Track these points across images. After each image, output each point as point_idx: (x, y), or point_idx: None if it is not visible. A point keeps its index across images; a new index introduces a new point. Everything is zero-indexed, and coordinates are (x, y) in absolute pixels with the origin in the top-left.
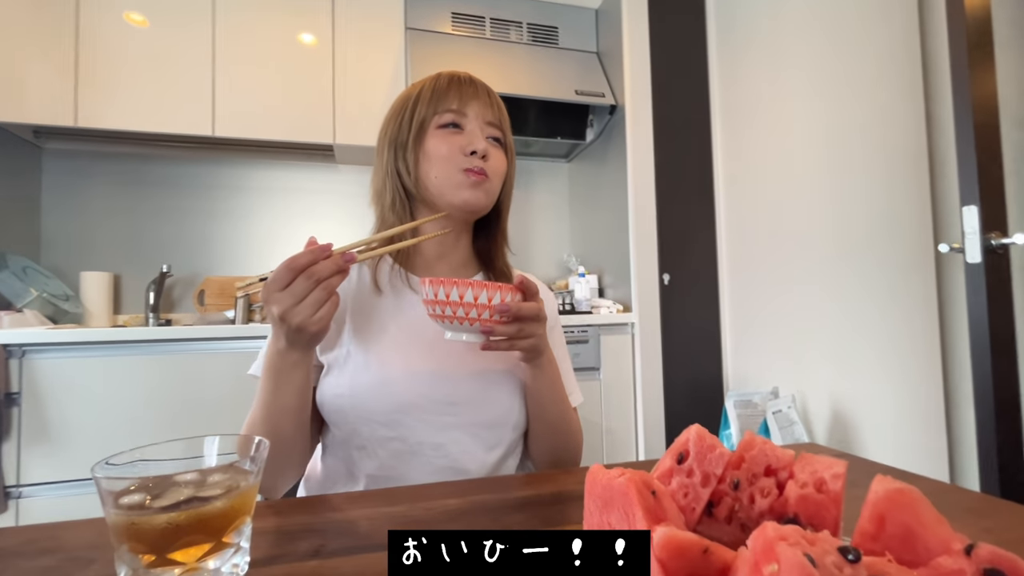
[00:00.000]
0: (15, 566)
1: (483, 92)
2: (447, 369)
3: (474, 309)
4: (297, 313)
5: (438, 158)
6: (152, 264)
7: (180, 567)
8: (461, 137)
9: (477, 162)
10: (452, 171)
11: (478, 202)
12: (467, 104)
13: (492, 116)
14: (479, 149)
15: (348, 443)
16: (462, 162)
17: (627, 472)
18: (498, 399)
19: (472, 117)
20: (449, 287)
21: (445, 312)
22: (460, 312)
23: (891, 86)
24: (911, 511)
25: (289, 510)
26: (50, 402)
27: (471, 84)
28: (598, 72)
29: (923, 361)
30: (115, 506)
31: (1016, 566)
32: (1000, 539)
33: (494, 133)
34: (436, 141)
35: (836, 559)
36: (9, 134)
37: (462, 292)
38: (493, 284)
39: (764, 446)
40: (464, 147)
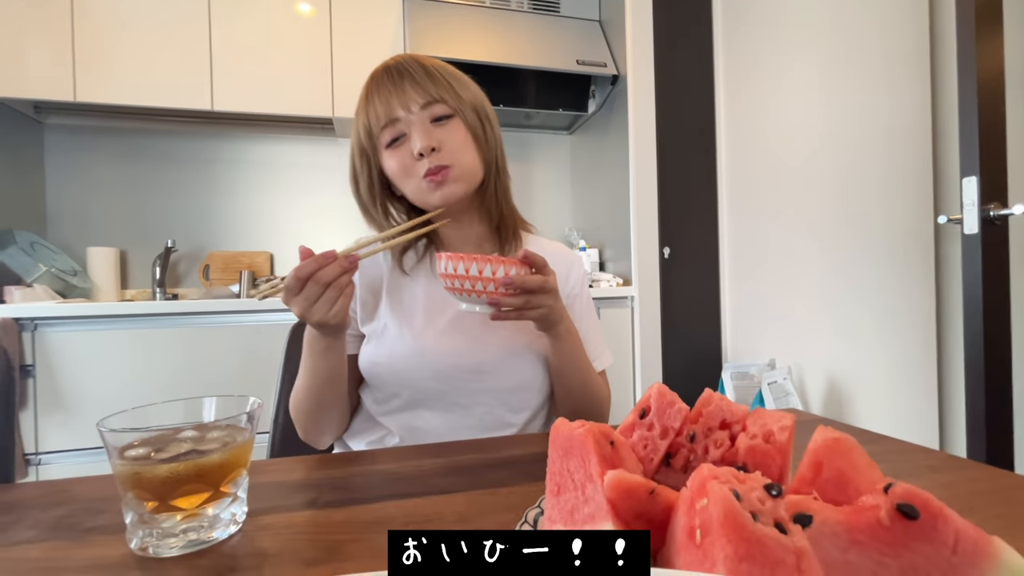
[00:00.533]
0: (32, 516)
1: (404, 77)
2: (475, 339)
3: (480, 282)
4: (314, 313)
5: (398, 176)
6: (157, 239)
7: (181, 513)
8: (407, 145)
9: (428, 162)
10: (415, 181)
11: (452, 197)
12: (394, 107)
13: (424, 96)
14: (422, 147)
15: (386, 403)
16: (417, 169)
17: (587, 424)
18: (522, 367)
19: (406, 117)
20: (458, 261)
21: (456, 285)
22: (468, 285)
23: (897, 56)
24: (846, 458)
25: (288, 468)
26: (63, 374)
27: (389, 77)
28: (600, 41)
29: (919, 333)
30: (120, 458)
31: (927, 502)
32: (958, 492)
33: (435, 112)
34: (390, 161)
35: (760, 494)
36: (11, 110)
37: (468, 266)
38: (498, 259)
39: (721, 402)
40: (411, 154)
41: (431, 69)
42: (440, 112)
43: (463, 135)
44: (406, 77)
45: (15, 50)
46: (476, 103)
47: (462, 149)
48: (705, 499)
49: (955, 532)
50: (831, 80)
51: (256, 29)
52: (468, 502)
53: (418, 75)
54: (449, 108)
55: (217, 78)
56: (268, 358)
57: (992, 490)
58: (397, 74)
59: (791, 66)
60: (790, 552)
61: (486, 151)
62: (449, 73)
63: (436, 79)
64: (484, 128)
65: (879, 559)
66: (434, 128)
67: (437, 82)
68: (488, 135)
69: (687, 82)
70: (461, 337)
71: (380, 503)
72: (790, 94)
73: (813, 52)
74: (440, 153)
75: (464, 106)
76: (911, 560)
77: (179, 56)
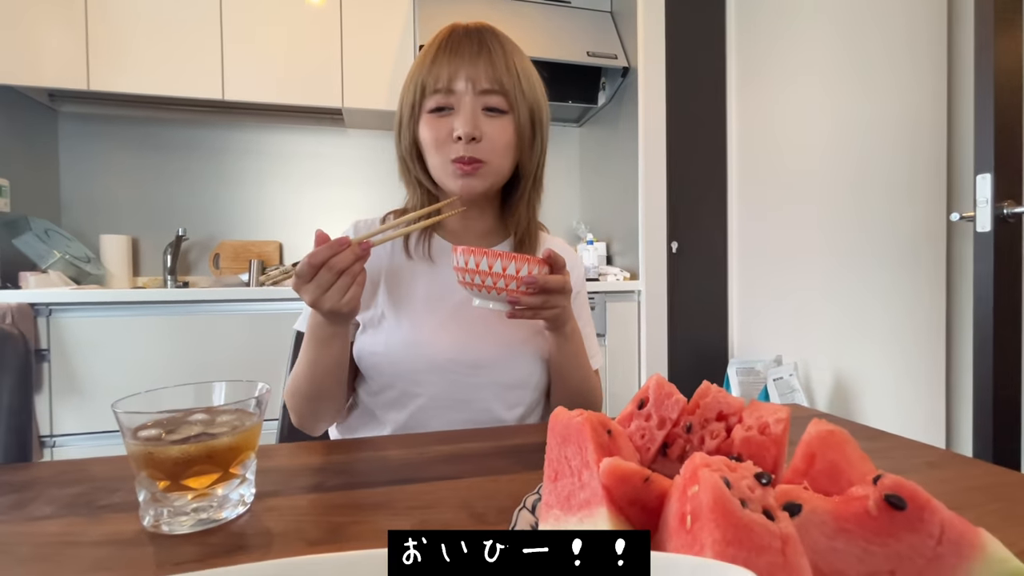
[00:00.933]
0: (49, 493)
1: (483, 51)
2: (474, 333)
3: (502, 279)
4: (326, 300)
5: (428, 147)
6: (168, 227)
7: (192, 492)
8: (449, 120)
9: (464, 150)
10: (443, 160)
11: (471, 191)
12: (457, 74)
13: (490, 80)
14: (464, 133)
15: (381, 394)
16: (450, 150)
17: (585, 413)
18: (520, 363)
19: (462, 91)
20: (479, 256)
21: (474, 280)
22: (488, 282)
23: (913, 50)
24: (839, 450)
25: (295, 453)
26: (76, 358)
27: (469, 43)
28: (611, 32)
29: (928, 332)
30: (134, 438)
31: (915, 493)
32: (954, 488)
33: (491, 102)
34: (425, 129)
35: (750, 482)
36: (26, 97)
37: (491, 263)
38: (521, 256)
39: (718, 394)
40: (453, 131)
41: (509, 53)
42: (495, 104)
43: (510, 136)
44: (483, 53)
45: (31, 39)
46: (535, 106)
47: (503, 150)
48: (696, 486)
49: (941, 523)
50: (845, 74)
51: (267, 19)
52: (469, 488)
53: (496, 55)
54: (507, 103)
55: (228, 68)
56: (276, 346)
57: (988, 486)
58: (477, 45)
59: (805, 60)
60: (776, 537)
61: (527, 158)
62: (523, 66)
63: (510, 67)
64: (534, 134)
65: (865, 547)
66: (484, 117)
67: (510, 71)
68: (535, 142)
69: (698, 75)
70: (460, 330)
71: (383, 488)
72: (803, 88)
73: (828, 46)
74: (479, 145)
75: (522, 106)
76: (896, 549)
77: (191, 46)
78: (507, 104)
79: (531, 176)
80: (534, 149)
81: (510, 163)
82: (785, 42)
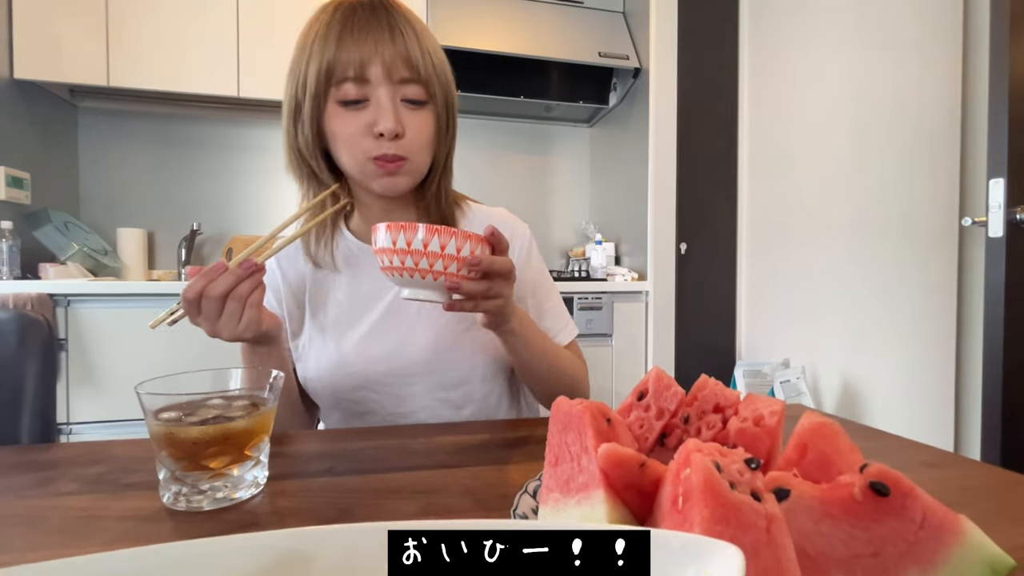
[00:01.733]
0: (73, 472)
1: (395, 32)
2: (398, 341)
3: (439, 260)
4: (222, 330)
5: (339, 142)
6: (183, 222)
7: (209, 472)
8: (366, 113)
9: (387, 147)
10: (361, 158)
11: (395, 190)
12: (370, 60)
13: (408, 68)
14: (388, 130)
15: (328, 417)
16: (370, 148)
17: (586, 402)
18: (457, 361)
19: (378, 81)
20: (410, 233)
21: (404, 263)
22: (423, 263)
23: (928, 54)
24: (830, 442)
25: (306, 439)
26: (93, 348)
27: (377, 21)
28: (623, 33)
29: (938, 337)
30: (155, 419)
31: (899, 481)
32: (949, 486)
33: (409, 94)
34: (335, 122)
35: (740, 467)
36: (47, 93)
37: (427, 239)
38: (462, 232)
39: (715, 387)
40: (370, 125)
41: (420, 33)
42: (414, 95)
43: (431, 129)
44: (396, 35)
45: (52, 36)
46: (449, 91)
47: (425, 144)
48: (688, 469)
49: (923, 509)
50: (859, 77)
51: (282, 18)
52: (473, 476)
53: (408, 36)
54: (426, 93)
55: (244, 66)
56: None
57: (984, 486)
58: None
59: (817, 63)
60: (761, 517)
61: (442, 147)
62: (434, 47)
63: (424, 51)
64: (449, 123)
65: (849, 531)
66: (404, 110)
67: (424, 55)
68: (450, 131)
69: (710, 77)
70: (383, 340)
71: (391, 474)
72: (816, 91)
73: (841, 48)
74: (402, 142)
75: (440, 95)
76: (879, 532)
77: (208, 44)
78: (426, 94)
79: (441, 163)
80: (449, 137)
81: (431, 156)
82: (798, 44)
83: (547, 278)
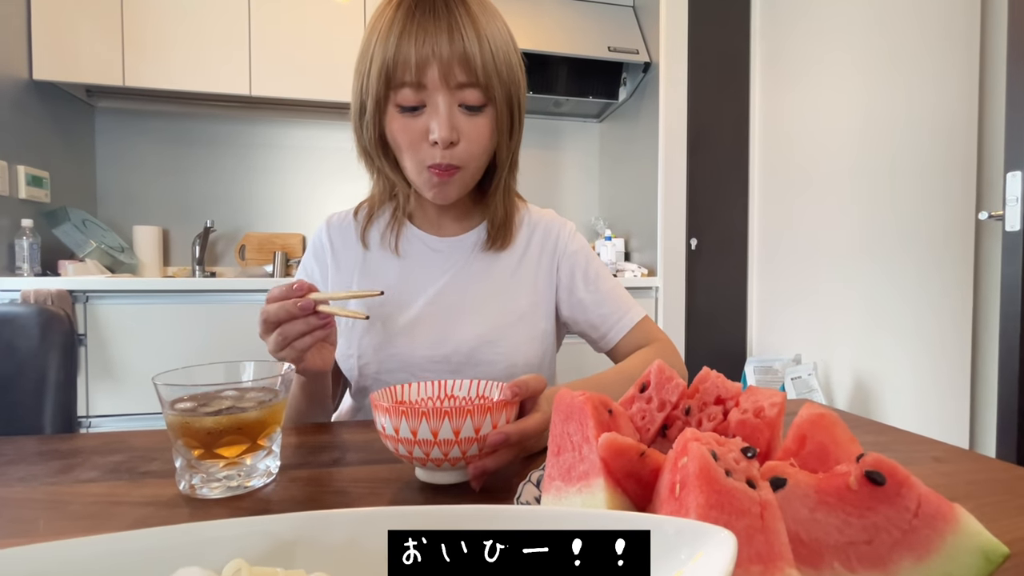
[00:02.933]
0: (93, 461)
1: (454, 27)
2: (447, 328)
3: (456, 447)
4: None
5: (400, 147)
6: (197, 219)
7: (224, 460)
8: (422, 119)
9: (441, 156)
10: (417, 164)
11: (446, 199)
12: (427, 63)
13: (465, 71)
14: (442, 139)
15: (364, 394)
16: (425, 155)
17: (587, 393)
18: (502, 353)
19: (435, 87)
20: (415, 421)
21: (412, 453)
22: (436, 453)
23: (944, 44)
24: (828, 432)
25: (315, 431)
26: (111, 343)
27: (435, 16)
28: (633, 27)
29: (953, 333)
30: (172, 409)
31: (894, 470)
32: (956, 481)
33: (467, 99)
34: (396, 127)
35: (736, 455)
36: (65, 93)
37: (435, 428)
38: (481, 405)
39: (717, 379)
40: (426, 132)
41: (481, 25)
42: (472, 100)
43: (489, 132)
44: (455, 35)
45: (69, 37)
46: (514, 91)
47: (481, 150)
48: (686, 457)
49: (918, 497)
50: (873, 70)
51: (293, 17)
52: None
53: (468, 37)
54: (485, 98)
55: (255, 64)
56: None
57: (991, 480)
58: (446, 24)
59: (831, 55)
60: (755, 503)
61: (504, 147)
62: (497, 39)
63: (484, 48)
64: (512, 123)
65: (844, 518)
66: (460, 115)
67: (484, 53)
68: (514, 131)
69: (721, 70)
70: (430, 326)
71: (398, 464)
72: (829, 84)
73: (855, 41)
74: (456, 151)
75: (501, 96)
76: (873, 520)
77: (220, 43)
78: (484, 98)
79: (507, 164)
80: (512, 137)
81: (487, 159)
82: (811, 36)
83: (599, 263)
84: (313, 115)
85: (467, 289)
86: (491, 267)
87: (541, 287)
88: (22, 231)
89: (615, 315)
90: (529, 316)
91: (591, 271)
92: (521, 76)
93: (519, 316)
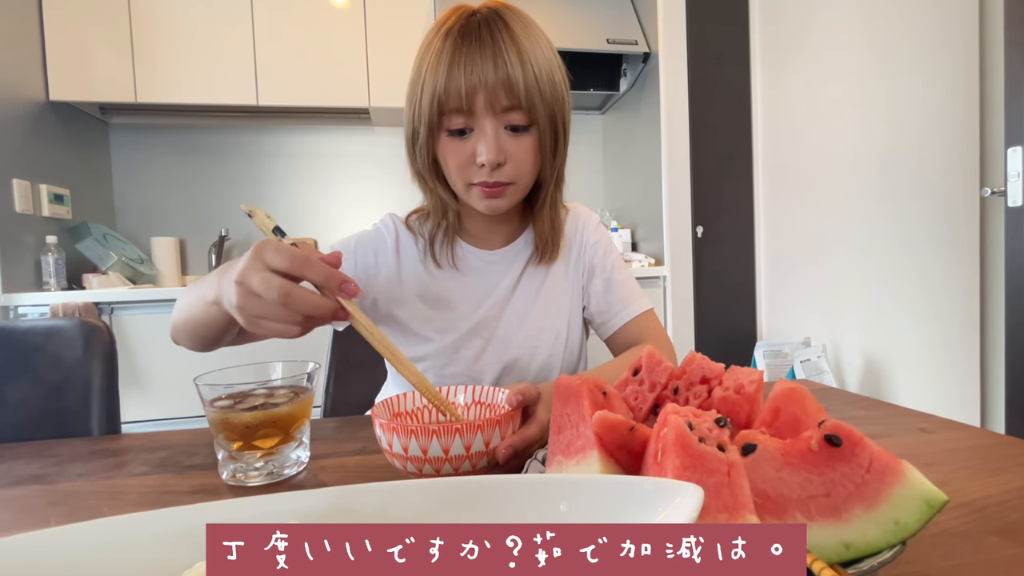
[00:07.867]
0: (141, 456)
1: (499, 57)
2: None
3: (466, 461)
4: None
5: (451, 170)
6: (212, 228)
7: (260, 451)
8: (470, 143)
9: (487, 175)
10: (464, 182)
11: (498, 210)
12: (475, 91)
13: (509, 96)
14: (488, 161)
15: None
16: (473, 175)
17: (583, 377)
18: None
19: (482, 111)
20: (424, 439)
21: (421, 469)
22: (446, 468)
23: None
24: (799, 404)
25: (339, 425)
26: (136, 352)
27: (481, 47)
28: (631, 18)
29: (961, 310)
30: (211, 407)
31: (850, 433)
32: (938, 449)
33: (513, 120)
34: (447, 152)
35: (710, 425)
36: (80, 112)
37: (446, 444)
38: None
39: (702, 361)
40: (474, 155)
41: (525, 51)
42: (517, 121)
43: (534, 151)
44: (499, 62)
45: (82, 57)
46: (557, 106)
47: (528, 168)
48: (666, 428)
49: (870, 456)
50: (873, 50)
51: (294, 23)
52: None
53: (511, 63)
54: (528, 119)
55: (261, 75)
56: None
57: (971, 447)
58: (491, 52)
59: (832, 36)
60: (723, 463)
61: (549, 163)
62: (541, 62)
63: (527, 73)
64: (557, 141)
65: (806, 476)
66: (506, 136)
67: (528, 77)
68: (558, 147)
69: (721, 57)
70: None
71: None
72: (830, 65)
73: (856, 20)
74: (504, 169)
75: (544, 116)
76: (831, 477)
77: (226, 56)
78: (528, 119)
79: (552, 179)
80: (557, 152)
81: (534, 175)
82: (811, 20)
83: (616, 254)
84: (319, 121)
85: (523, 298)
86: (544, 276)
87: (577, 285)
88: (47, 247)
89: (620, 303)
90: (576, 316)
91: (608, 262)
92: (565, 94)
93: (567, 320)
